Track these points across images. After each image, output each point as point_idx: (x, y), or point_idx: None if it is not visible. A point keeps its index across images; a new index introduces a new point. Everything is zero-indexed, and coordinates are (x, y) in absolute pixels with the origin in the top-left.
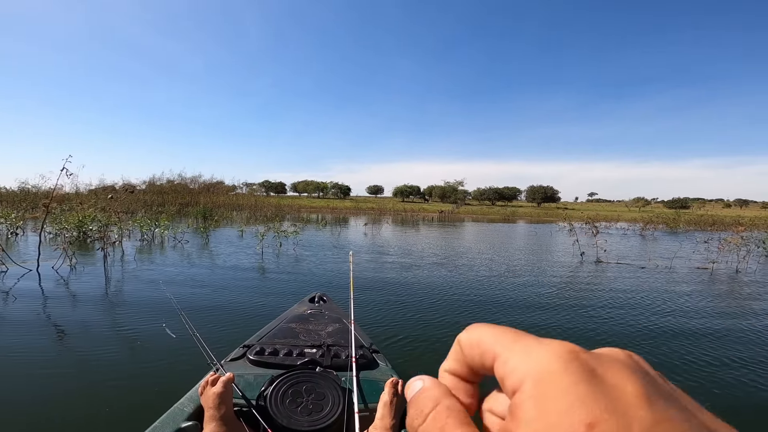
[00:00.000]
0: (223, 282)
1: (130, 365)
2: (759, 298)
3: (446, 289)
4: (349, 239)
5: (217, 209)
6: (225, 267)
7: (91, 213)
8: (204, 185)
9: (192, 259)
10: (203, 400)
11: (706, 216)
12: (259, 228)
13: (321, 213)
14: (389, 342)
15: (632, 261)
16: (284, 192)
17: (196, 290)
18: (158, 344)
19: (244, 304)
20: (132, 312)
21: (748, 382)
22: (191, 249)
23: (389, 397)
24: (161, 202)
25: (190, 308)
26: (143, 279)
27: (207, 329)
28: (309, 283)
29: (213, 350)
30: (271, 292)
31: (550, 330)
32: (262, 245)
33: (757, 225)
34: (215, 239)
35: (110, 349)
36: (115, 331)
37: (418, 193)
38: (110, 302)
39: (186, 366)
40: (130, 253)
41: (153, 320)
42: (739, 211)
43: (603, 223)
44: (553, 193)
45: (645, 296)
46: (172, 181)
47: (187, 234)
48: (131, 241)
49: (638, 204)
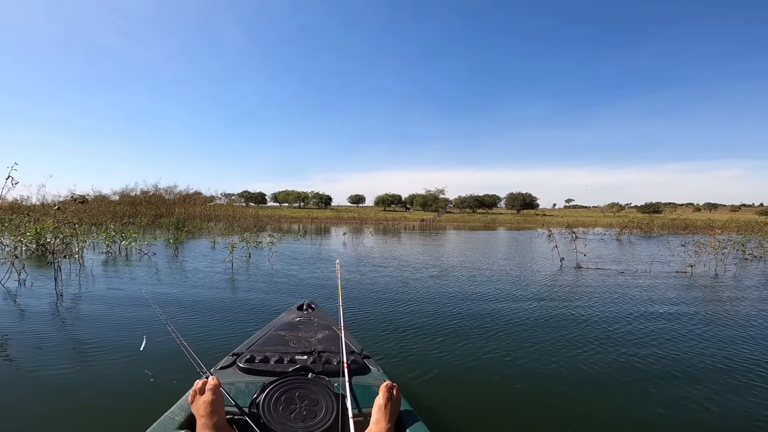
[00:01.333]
0: (195, 294)
1: (111, 379)
2: (741, 302)
3: (430, 295)
4: (329, 249)
5: (192, 220)
6: (191, 280)
7: (50, 224)
8: (180, 196)
9: (157, 272)
10: (194, 408)
11: (678, 220)
12: (232, 239)
13: (301, 223)
14: (379, 347)
15: (611, 266)
16: (264, 202)
17: (168, 303)
18: (141, 355)
19: (227, 315)
20: (99, 326)
21: (740, 387)
22: (159, 261)
23: (384, 401)
24: (133, 213)
25: (172, 319)
26: (98, 294)
27: (190, 339)
28: (292, 292)
29: (201, 359)
30: (252, 303)
31: (535, 336)
32: (232, 257)
33: (728, 227)
34: (186, 251)
35: (82, 364)
36: (82, 346)
37: (400, 202)
38: (61, 317)
39: (174, 376)
40: (91, 266)
41: (121, 333)
42: (709, 215)
43: (581, 228)
44: (531, 199)
45: (627, 302)
46: (146, 192)
47: (156, 246)
48: (96, 254)
49: (613, 209)
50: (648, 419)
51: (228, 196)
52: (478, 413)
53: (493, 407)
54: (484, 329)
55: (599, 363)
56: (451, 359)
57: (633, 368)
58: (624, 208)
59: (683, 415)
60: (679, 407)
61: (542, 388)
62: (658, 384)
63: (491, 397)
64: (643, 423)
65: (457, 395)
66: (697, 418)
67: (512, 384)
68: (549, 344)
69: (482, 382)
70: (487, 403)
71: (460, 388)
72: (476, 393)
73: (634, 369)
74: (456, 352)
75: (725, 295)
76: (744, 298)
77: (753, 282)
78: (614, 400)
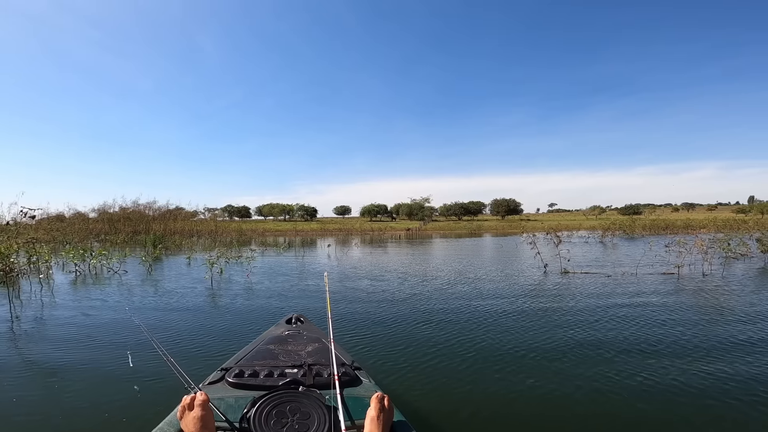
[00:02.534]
0: (172, 311)
1: (96, 399)
2: (732, 301)
3: (418, 305)
4: (313, 262)
5: (172, 236)
6: (166, 297)
7: (14, 244)
8: (160, 212)
9: (129, 291)
10: (183, 424)
11: (658, 220)
12: (211, 254)
13: (286, 236)
14: (370, 358)
15: (597, 270)
16: (249, 216)
17: (144, 320)
18: (126, 374)
19: (209, 331)
20: (77, 346)
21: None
22: (130, 279)
23: (376, 413)
24: (110, 230)
25: (155, 334)
26: (65, 315)
27: (175, 355)
28: (274, 307)
29: (188, 375)
30: (233, 319)
31: (524, 344)
32: (211, 273)
33: (708, 226)
34: (161, 268)
35: (62, 384)
36: (62, 367)
37: (386, 212)
38: (22, 340)
39: (160, 393)
40: (56, 286)
41: (102, 352)
42: (687, 215)
43: (565, 232)
44: (515, 205)
45: (617, 307)
46: (126, 208)
47: (129, 263)
48: (65, 273)
49: (595, 212)
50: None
51: (211, 211)
52: (470, 422)
53: (485, 416)
54: (474, 338)
55: (587, 370)
56: (442, 368)
57: (631, 377)
58: (605, 210)
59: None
60: (679, 416)
61: (534, 396)
62: (656, 391)
63: (483, 406)
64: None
65: (449, 404)
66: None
67: (503, 392)
68: (539, 352)
69: (473, 391)
70: (479, 412)
71: (452, 397)
72: (468, 402)
73: (632, 378)
74: (446, 361)
75: (719, 296)
76: (739, 298)
77: (743, 281)
78: (609, 411)
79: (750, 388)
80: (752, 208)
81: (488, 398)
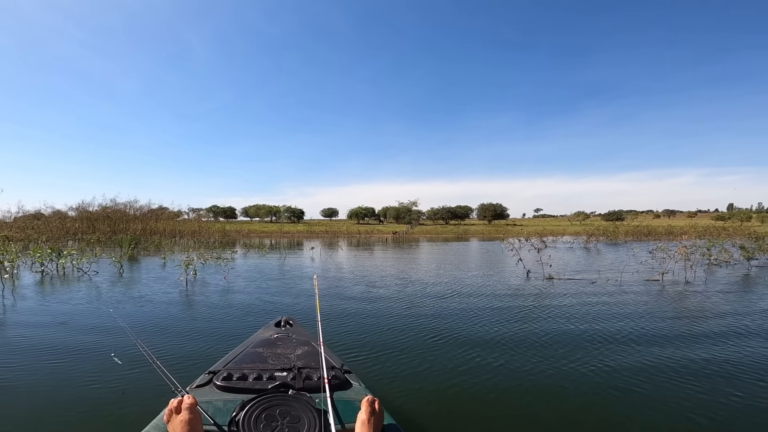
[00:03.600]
0: (149, 314)
1: (80, 402)
2: (717, 310)
3: (406, 308)
4: (296, 265)
5: (152, 236)
6: (136, 299)
7: None
8: (141, 211)
9: (92, 293)
10: (170, 428)
11: (641, 227)
12: (191, 255)
13: (272, 238)
14: (360, 361)
15: (582, 276)
16: (235, 217)
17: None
18: (110, 377)
19: (193, 335)
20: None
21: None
22: (100, 280)
23: (366, 416)
24: (86, 230)
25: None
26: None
27: (160, 358)
28: (258, 311)
29: (171, 378)
30: (216, 322)
31: (512, 346)
32: (186, 276)
33: (689, 233)
34: (135, 269)
35: (38, 388)
36: (43, 369)
37: (373, 215)
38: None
39: (145, 396)
40: (21, 285)
41: (82, 354)
42: (668, 221)
43: (550, 237)
44: (502, 210)
45: (602, 314)
46: (107, 207)
47: (99, 264)
48: (32, 273)
49: (579, 218)
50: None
51: (196, 211)
52: (460, 424)
53: (474, 418)
54: (463, 341)
55: (574, 373)
56: (431, 371)
57: (616, 380)
58: (589, 216)
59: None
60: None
61: (522, 399)
62: (646, 396)
63: (472, 408)
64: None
65: (439, 407)
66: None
67: (493, 394)
68: (526, 355)
69: (463, 394)
70: (469, 415)
71: (442, 399)
72: (458, 404)
73: (618, 381)
74: (436, 364)
75: (704, 303)
76: (724, 305)
77: (725, 288)
78: (593, 413)
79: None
80: (731, 215)
81: (478, 400)
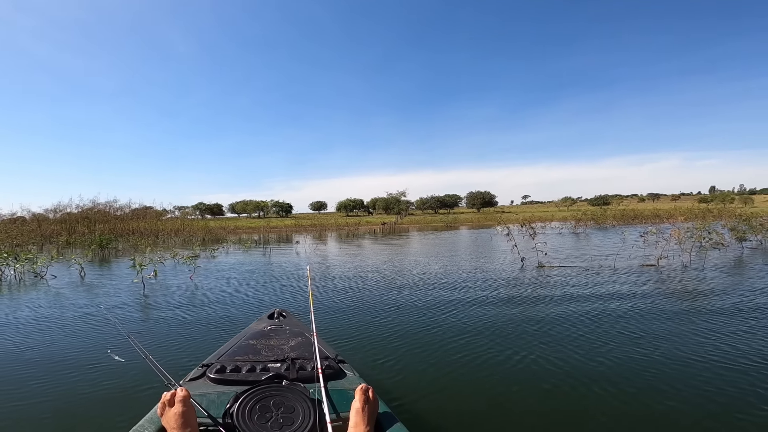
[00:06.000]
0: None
1: (73, 397)
2: (725, 295)
3: (398, 298)
4: (279, 261)
5: (131, 236)
6: (96, 302)
7: None
8: (123, 211)
9: (46, 299)
10: (164, 421)
11: (627, 210)
12: (152, 256)
13: (259, 233)
14: (354, 351)
15: (574, 263)
16: (222, 214)
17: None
18: (103, 372)
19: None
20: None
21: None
22: (58, 284)
23: (361, 404)
24: (62, 233)
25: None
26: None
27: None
28: (250, 303)
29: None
30: (200, 325)
31: (505, 333)
32: (141, 277)
33: (674, 215)
34: (99, 272)
35: (31, 385)
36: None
37: (362, 207)
38: None
39: (138, 390)
40: None
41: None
42: (653, 205)
43: (539, 223)
44: (490, 198)
45: (598, 305)
46: (91, 208)
47: (57, 267)
48: None
49: (566, 203)
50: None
51: (181, 209)
52: (455, 412)
53: (469, 405)
54: (456, 328)
55: (568, 360)
56: (425, 359)
57: (612, 370)
58: (576, 201)
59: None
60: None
61: (517, 386)
62: (646, 386)
63: (467, 395)
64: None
65: (433, 394)
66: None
67: (488, 382)
68: (520, 342)
69: (458, 381)
70: (463, 402)
71: (437, 387)
72: (452, 392)
73: (613, 371)
74: (429, 351)
75: (713, 287)
76: (724, 289)
77: (728, 271)
78: (589, 402)
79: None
80: (714, 197)
81: (472, 388)
